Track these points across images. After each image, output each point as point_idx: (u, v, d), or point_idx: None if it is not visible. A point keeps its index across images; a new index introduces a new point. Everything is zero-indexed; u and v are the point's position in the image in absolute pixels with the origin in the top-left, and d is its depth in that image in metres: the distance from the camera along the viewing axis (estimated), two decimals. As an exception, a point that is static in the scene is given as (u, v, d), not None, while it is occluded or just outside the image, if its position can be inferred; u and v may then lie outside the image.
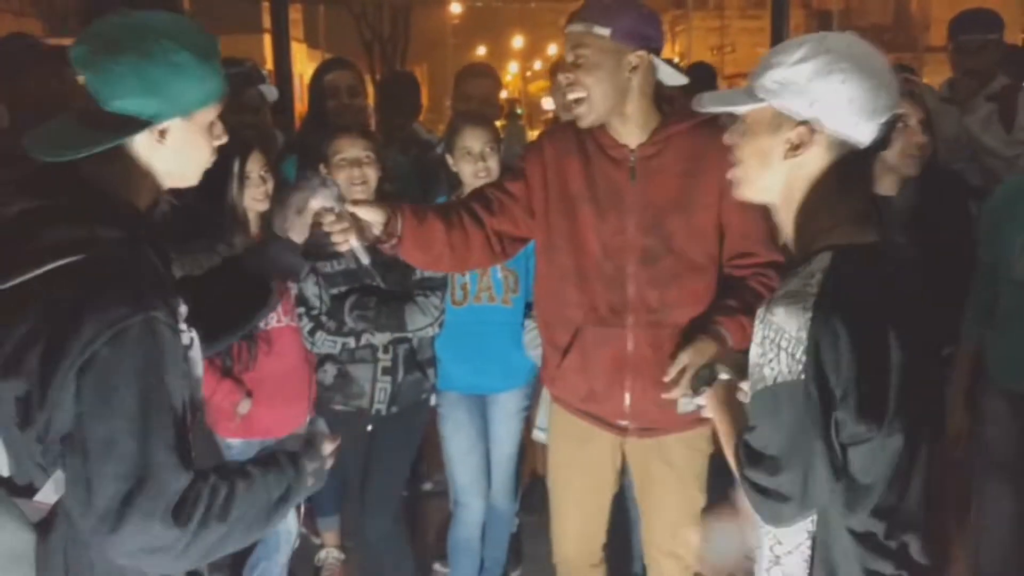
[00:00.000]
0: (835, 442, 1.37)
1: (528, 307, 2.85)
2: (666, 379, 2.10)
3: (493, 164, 2.79)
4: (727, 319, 2.15)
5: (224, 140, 1.55)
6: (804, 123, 1.43)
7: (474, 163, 2.77)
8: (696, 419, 2.06)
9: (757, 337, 1.43)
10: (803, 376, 1.35)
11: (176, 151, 1.46)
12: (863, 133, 1.43)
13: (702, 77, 4.68)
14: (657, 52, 2.19)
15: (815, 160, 1.45)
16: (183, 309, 1.45)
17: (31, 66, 2.81)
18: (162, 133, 1.43)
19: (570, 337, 2.32)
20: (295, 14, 22.12)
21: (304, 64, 21.40)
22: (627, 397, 2.29)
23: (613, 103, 2.15)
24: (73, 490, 1.30)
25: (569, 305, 2.31)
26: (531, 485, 3.60)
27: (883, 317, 1.37)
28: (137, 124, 1.40)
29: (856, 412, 1.35)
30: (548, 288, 2.38)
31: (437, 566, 3.45)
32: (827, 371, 1.34)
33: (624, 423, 2.35)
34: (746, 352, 1.52)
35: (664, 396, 2.15)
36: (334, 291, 2.78)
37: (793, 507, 1.41)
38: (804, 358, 1.34)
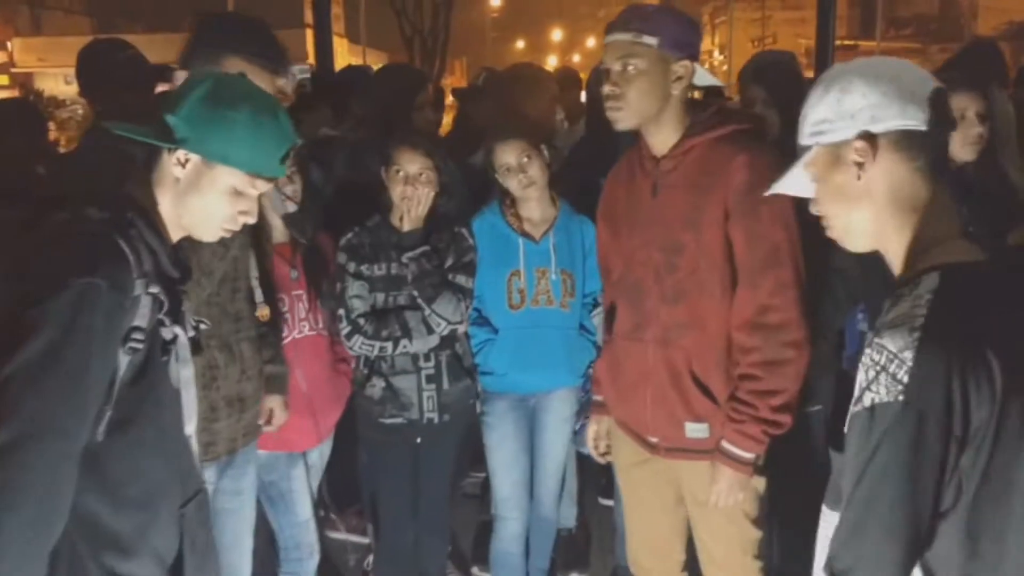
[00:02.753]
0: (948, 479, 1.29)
1: (595, 303, 2.86)
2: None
3: (534, 171, 2.75)
4: (733, 434, 2.16)
5: (250, 221, 1.65)
6: (859, 137, 1.43)
7: (515, 176, 2.75)
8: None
9: (866, 361, 1.35)
10: (901, 398, 1.27)
11: (191, 186, 1.58)
12: (915, 115, 1.41)
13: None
14: (698, 59, 2.20)
15: (889, 167, 1.44)
16: (163, 300, 1.52)
17: (137, 82, 2.80)
18: (182, 161, 1.56)
19: (606, 347, 2.47)
20: (336, 9, 22.28)
21: (345, 59, 21.55)
22: (648, 412, 2.30)
23: (654, 111, 2.16)
24: None
25: (609, 317, 2.44)
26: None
27: (989, 345, 1.30)
28: (168, 138, 1.54)
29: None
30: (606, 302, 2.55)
31: (475, 569, 3.42)
32: (942, 401, 1.27)
33: (652, 439, 2.34)
34: None
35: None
36: (372, 296, 2.74)
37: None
38: (906, 379, 1.27)
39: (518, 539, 3.00)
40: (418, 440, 2.83)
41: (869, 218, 1.47)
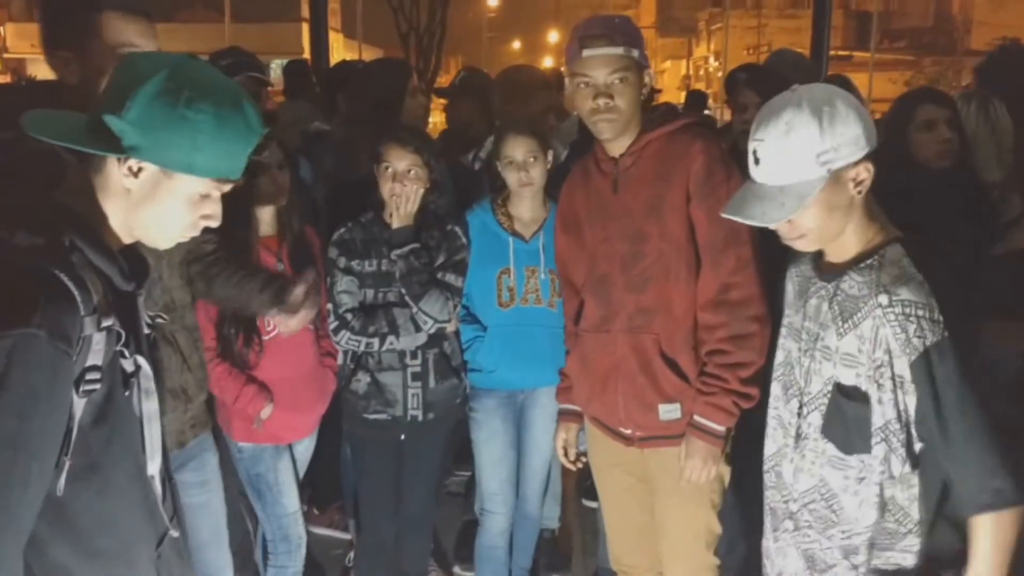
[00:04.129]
0: None
1: None
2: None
3: (536, 173, 2.76)
4: (705, 407, 2.23)
5: (214, 224, 1.43)
6: (866, 158, 1.64)
7: (517, 172, 2.76)
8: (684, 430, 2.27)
9: (890, 318, 1.62)
10: (946, 333, 1.58)
11: (146, 197, 1.35)
12: (873, 130, 1.65)
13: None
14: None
15: (869, 177, 1.67)
16: (119, 332, 1.34)
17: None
18: (134, 171, 1.33)
19: (573, 343, 2.53)
20: (333, 4, 22.20)
21: (341, 54, 21.48)
22: (620, 402, 2.36)
23: (632, 118, 2.25)
24: None
25: (571, 315, 2.54)
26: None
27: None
28: (114, 146, 1.31)
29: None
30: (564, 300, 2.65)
31: (457, 568, 3.43)
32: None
33: (626, 431, 2.40)
34: None
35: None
36: (361, 292, 2.74)
37: None
38: (941, 318, 1.58)
39: (503, 534, 3.01)
40: (402, 437, 2.83)
41: (849, 224, 1.70)
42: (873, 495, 1.72)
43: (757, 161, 1.67)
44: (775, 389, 1.97)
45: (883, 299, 1.63)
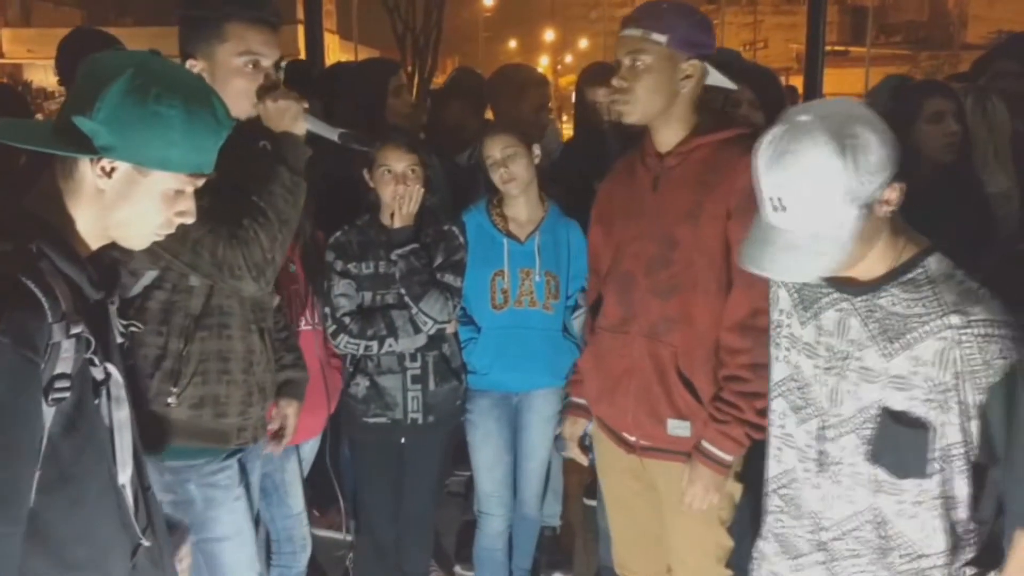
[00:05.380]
0: None
1: (576, 305, 2.85)
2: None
3: (517, 169, 2.74)
4: (715, 434, 2.16)
5: (189, 220, 1.45)
6: (893, 181, 1.51)
7: (498, 169, 2.75)
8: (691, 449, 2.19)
9: (966, 339, 1.53)
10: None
11: (120, 197, 1.36)
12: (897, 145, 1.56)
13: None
14: (709, 58, 2.18)
15: (899, 196, 1.56)
16: (88, 339, 1.32)
17: None
18: (107, 171, 1.33)
19: (590, 341, 2.46)
20: (328, 5, 22.22)
21: (336, 56, 21.50)
22: (630, 408, 2.30)
23: (660, 108, 2.16)
24: None
25: (594, 311, 2.44)
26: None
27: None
28: (86, 147, 1.30)
29: None
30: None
31: (458, 568, 3.42)
32: None
33: (630, 438, 2.34)
34: None
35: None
36: (359, 295, 2.74)
37: None
38: (1014, 333, 1.50)
39: (501, 536, 3.00)
40: (402, 440, 2.82)
41: (878, 243, 1.58)
42: (935, 519, 1.63)
43: (782, 208, 1.51)
44: (778, 406, 1.86)
45: (955, 319, 1.52)
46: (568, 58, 49.35)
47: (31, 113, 4.18)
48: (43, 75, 23.72)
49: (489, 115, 3.84)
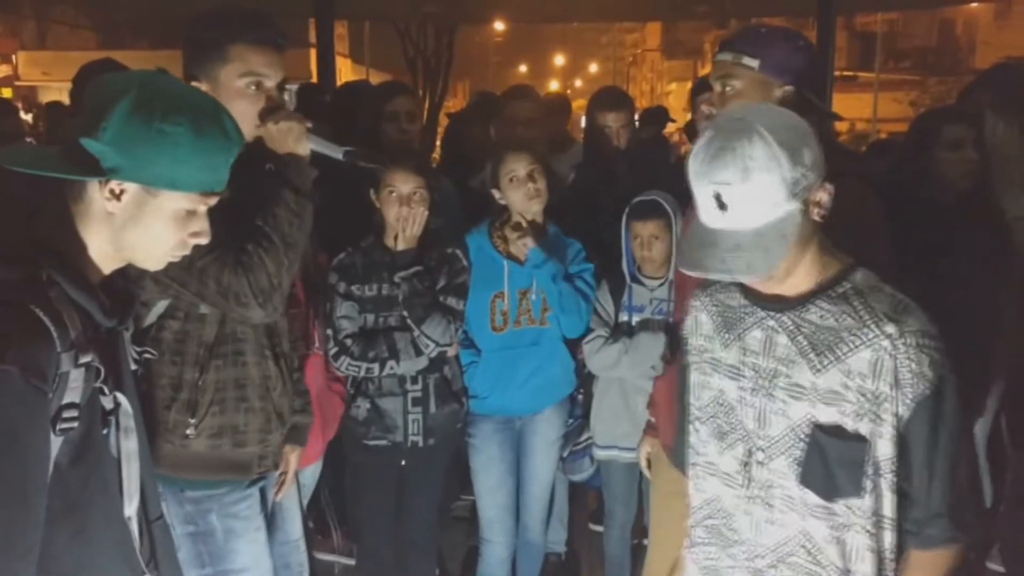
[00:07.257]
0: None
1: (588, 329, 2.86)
2: None
3: (543, 185, 2.77)
4: None
5: (204, 240, 1.42)
6: (822, 185, 1.49)
7: (523, 186, 2.76)
8: None
9: (900, 349, 1.50)
10: (947, 367, 1.50)
11: (130, 219, 1.33)
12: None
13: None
14: (808, 85, 2.09)
15: (829, 198, 1.52)
16: (98, 368, 1.30)
17: None
18: (116, 193, 1.31)
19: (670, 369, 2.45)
20: (340, 29, 22.38)
21: (348, 79, 21.60)
22: None
23: None
24: None
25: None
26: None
27: None
28: (94, 170, 1.28)
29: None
30: None
31: (464, 592, 3.41)
32: None
33: None
34: None
35: None
36: (362, 317, 2.73)
37: None
38: (942, 351, 1.50)
39: (504, 563, 2.98)
40: (402, 463, 2.81)
41: (808, 252, 1.55)
42: (863, 545, 1.57)
43: (723, 206, 1.46)
44: (701, 433, 1.77)
45: (890, 328, 1.50)
46: (578, 83, 49.58)
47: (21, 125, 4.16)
48: (58, 97, 23.92)
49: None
